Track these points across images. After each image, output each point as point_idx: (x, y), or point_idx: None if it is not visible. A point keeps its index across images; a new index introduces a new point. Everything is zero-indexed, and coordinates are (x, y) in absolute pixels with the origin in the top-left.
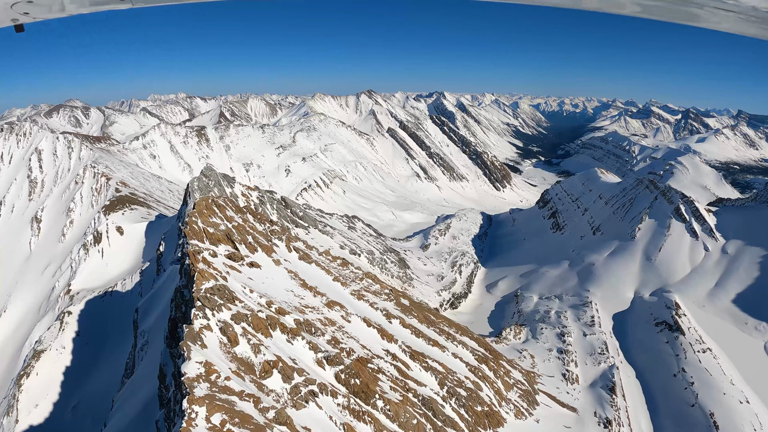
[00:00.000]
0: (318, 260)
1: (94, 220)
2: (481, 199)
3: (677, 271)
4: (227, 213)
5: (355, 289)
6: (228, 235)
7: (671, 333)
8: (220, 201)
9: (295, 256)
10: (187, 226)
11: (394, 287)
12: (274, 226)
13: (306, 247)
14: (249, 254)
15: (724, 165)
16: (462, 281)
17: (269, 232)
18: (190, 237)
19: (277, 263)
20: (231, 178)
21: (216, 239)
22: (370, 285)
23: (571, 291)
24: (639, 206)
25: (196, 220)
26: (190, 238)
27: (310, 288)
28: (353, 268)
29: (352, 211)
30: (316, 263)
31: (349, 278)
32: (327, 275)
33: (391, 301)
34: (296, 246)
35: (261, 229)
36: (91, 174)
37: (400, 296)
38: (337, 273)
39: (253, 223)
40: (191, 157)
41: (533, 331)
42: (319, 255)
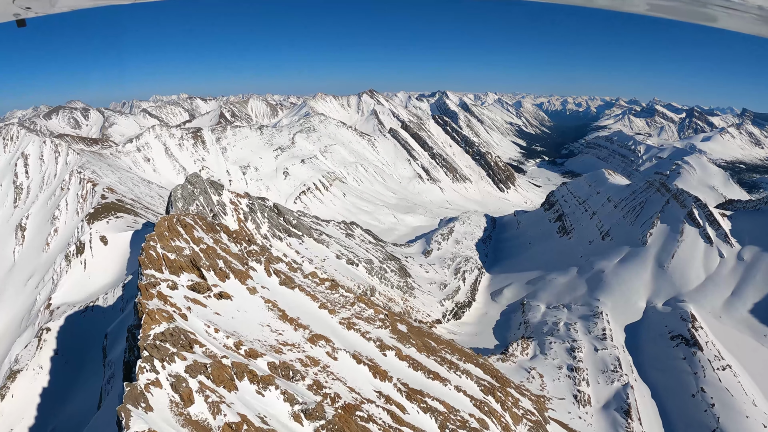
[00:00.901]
0: (303, 284)
1: (78, 229)
2: (485, 201)
3: (691, 279)
4: (195, 234)
5: (344, 317)
6: (193, 261)
7: (688, 348)
8: (187, 219)
9: (276, 281)
10: (142, 253)
11: (390, 310)
12: (252, 245)
13: (289, 268)
14: (218, 283)
15: (730, 164)
16: (466, 289)
17: (246, 253)
18: (146, 266)
19: (253, 291)
20: (219, 184)
21: (178, 267)
22: (362, 311)
23: (580, 300)
24: (650, 210)
25: (154, 245)
26: (145, 268)
27: (291, 320)
28: (343, 291)
29: (353, 215)
30: (300, 288)
31: (338, 304)
32: (312, 302)
33: (387, 328)
34: (277, 269)
35: (236, 250)
36: (77, 180)
37: (397, 321)
38: (324, 298)
39: (226, 243)
40: (186, 160)
41: (541, 345)
42: (304, 278)
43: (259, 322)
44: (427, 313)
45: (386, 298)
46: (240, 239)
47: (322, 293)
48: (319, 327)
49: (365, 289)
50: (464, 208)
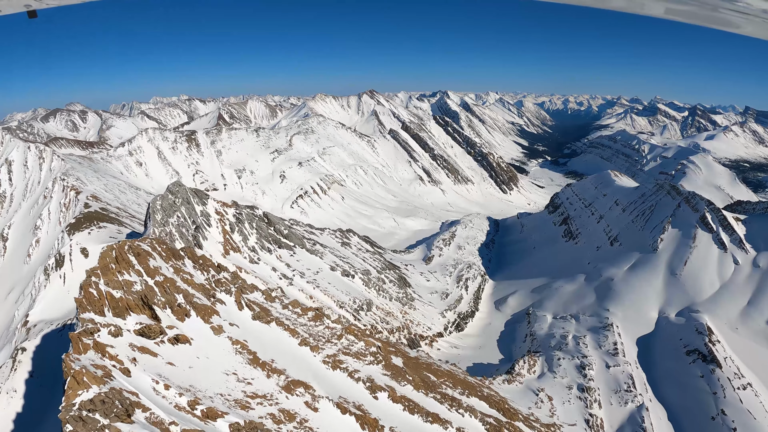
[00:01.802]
0: (281, 316)
1: (58, 240)
2: (487, 203)
3: (705, 288)
4: (150, 263)
5: (329, 354)
6: (145, 299)
7: (706, 365)
8: (142, 246)
9: (248, 315)
10: (81, 292)
11: (384, 341)
12: (222, 272)
13: (266, 298)
14: (176, 323)
15: (734, 163)
16: (468, 298)
17: (214, 282)
18: (83, 309)
19: (218, 331)
20: (204, 193)
21: (124, 307)
22: (350, 344)
23: (589, 310)
24: (660, 214)
25: (96, 281)
26: (82, 311)
27: (263, 364)
28: (329, 322)
29: (351, 219)
30: (277, 322)
31: (322, 338)
32: (291, 338)
33: (379, 363)
34: (251, 300)
35: (202, 279)
36: (60, 187)
37: (391, 353)
38: (306, 332)
39: (190, 272)
40: (180, 164)
41: (549, 362)
42: (283, 308)
43: (224, 370)
44: (428, 327)
45: (384, 312)
46: (207, 266)
47: (304, 326)
48: (297, 370)
49: (361, 304)
50: (466, 210)
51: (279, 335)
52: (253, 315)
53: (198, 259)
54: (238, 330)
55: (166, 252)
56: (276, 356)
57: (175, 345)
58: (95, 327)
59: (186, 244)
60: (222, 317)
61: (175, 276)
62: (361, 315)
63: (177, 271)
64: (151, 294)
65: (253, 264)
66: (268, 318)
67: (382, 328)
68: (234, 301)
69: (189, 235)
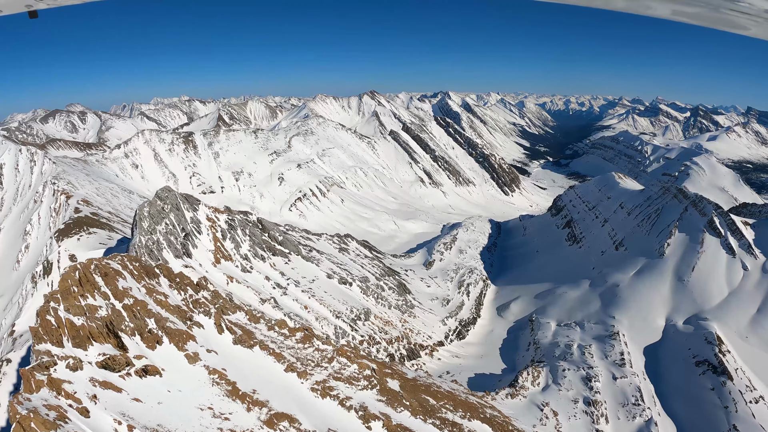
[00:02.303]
0: (266, 339)
1: (46, 246)
2: (489, 205)
3: (713, 295)
4: (119, 284)
5: (318, 380)
6: (110, 325)
7: (716, 377)
8: (111, 264)
9: (229, 339)
10: (37, 320)
11: (380, 362)
12: (201, 291)
13: (250, 318)
14: (145, 352)
15: (737, 164)
16: (470, 304)
17: (192, 303)
18: (39, 340)
19: (194, 359)
20: (195, 199)
21: (86, 336)
22: (342, 368)
23: (594, 317)
24: (667, 218)
25: (55, 306)
26: (37, 342)
27: (244, 396)
28: (319, 343)
29: (351, 222)
30: (261, 345)
31: (311, 362)
32: (276, 363)
33: (373, 387)
34: (233, 322)
35: (179, 300)
36: (51, 191)
37: (387, 376)
38: (293, 356)
39: (165, 292)
40: (176, 166)
41: (554, 372)
42: (268, 330)
43: (198, 405)
44: (428, 335)
45: (383, 321)
46: (185, 285)
47: (291, 349)
48: (282, 400)
49: (359, 313)
50: (468, 212)
51: (262, 361)
52: (234, 339)
53: (174, 277)
54: (216, 357)
55: (139, 270)
56: (258, 385)
57: (143, 378)
58: (51, 360)
59: (174, 252)
60: (199, 343)
61: (147, 297)
62: (358, 325)
63: (150, 291)
64: (118, 319)
65: (245, 273)
66: (251, 342)
67: (381, 338)
68: (213, 324)
69: (178, 243)
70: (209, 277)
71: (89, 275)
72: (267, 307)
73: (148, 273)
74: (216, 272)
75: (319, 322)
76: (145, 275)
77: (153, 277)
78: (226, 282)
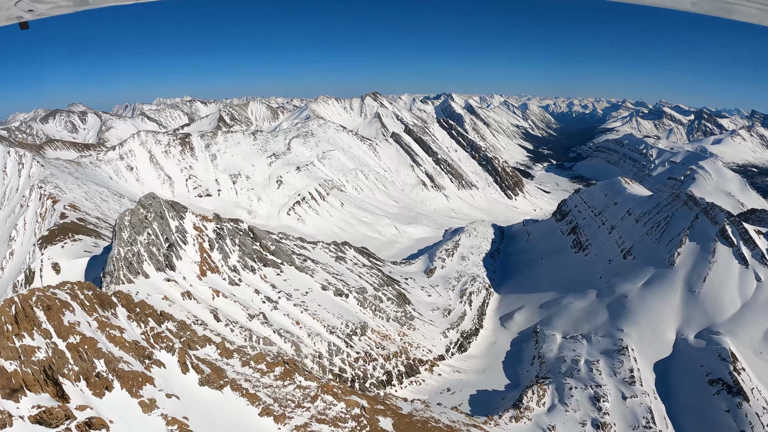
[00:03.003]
0: (238, 378)
1: (29, 254)
2: (492, 209)
3: (726, 307)
4: (65, 319)
5: (299, 423)
6: (49, 370)
7: (731, 397)
8: (58, 295)
9: (195, 379)
10: None
11: (370, 398)
12: (165, 323)
13: (222, 353)
14: (91, 401)
15: (742, 168)
16: (472, 314)
17: (153, 338)
18: None
19: (149, 407)
20: (181, 206)
21: (19, 385)
22: (328, 407)
23: (601, 330)
24: (677, 226)
25: None
26: None
27: None
28: (302, 379)
29: (351, 227)
30: (232, 385)
31: (291, 403)
32: (249, 406)
33: (363, 429)
34: (200, 358)
35: (138, 334)
36: (37, 195)
37: (380, 413)
38: (270, 397)
39: (120, 325)
40: (172, 168)
41: (560, 391)
42: (243, 366)
43: None
44: (428, 349)
45: (380, 335)
46: (146, 316)
47: (269, 388)
48: None
49: (354, 328)
50: (470, 216)
51: (233, 404)
52: (201, 379)
53: (134, 307)
54: (177, 403)
55: (91, 300)
56: None
57: None
58: None
59: (156, 265)
60: (158, 386)
61: (99, 333)
62: (354, 340)
63: (102, 326)
64: (60, 362)
65: (233, 286)
66: (220, 381)
67: (378, 354)
68: (177, 362)
69: (160, 254)
70: (193, 291)
71: (28, 309)
72: (255, 324)
73: (102, 303)
74: (201, 286)
75: (311, 338)
76: (99, 306)
77: (108, 307)
78: (211, 296)
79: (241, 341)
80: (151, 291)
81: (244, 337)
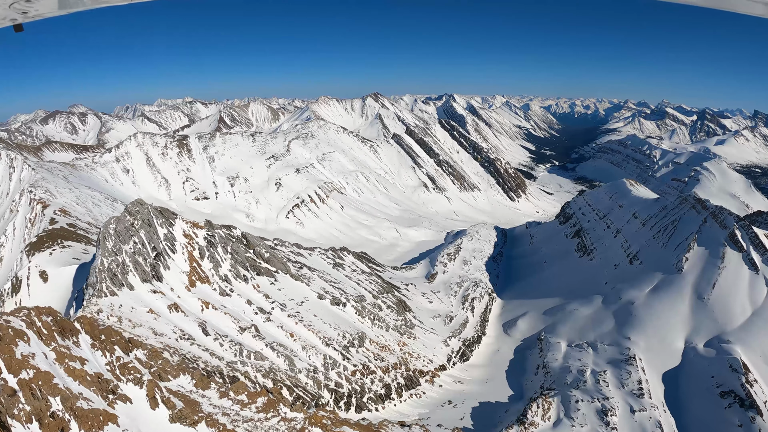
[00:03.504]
0: (214, 412)
1: (17, 261)
2: (494, 211)
3: (736, 314)
4: (18, 350)
5: None
6: None
7: (744, 411)
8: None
9: (165, 415)
10: None
11: (364, 428)
12: (134, 351)
13: (197, 383)
14: None
15: (745, 168)
16: (474, 321)
17: (119, 369)
18: None
19: None
20: (171, 213)
21: None
22: None
23: (608, 338)
24: (685, 230)
25: None
26: None
27: None
28: (287, 411)
29: (351, 230)
30: (208, 421)
31: None
32: None
33: None
34: (173, 390)
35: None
36: (27, 200)
37: None
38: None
39: (82, 356)
40: (169, 171)
41: (566, 404)
42: (221, 397)
43: None
44: (429, 359)
45: (379, 346)
46: (113, 343)
47: (250, 422)
48: None
49: (352, 339)
50: (472, 219)
51: None
52: (172, 415)
53: (99, 333)
54: None
55: (50, 328)
56: None
57: None
58: None
59: (141, 276)
60: (121, 425)
61: (56, 366)
62: (351, 352)
63: (61, 357)
64: (10, 402)
65: (223, 297)
66: (194, 417)
67: (376, 366)
68: (146, 396)
69: (147, 264)
70: (181, 303)
71: None
72: (246, 337)
73: (63, 330)
74: (190, 297)
75: (306, 351)
76: (59, 334)
77: (70, 335)
78: (200, 308)
79: (231, 356)
80: (136, 304)
81: (234, 352)
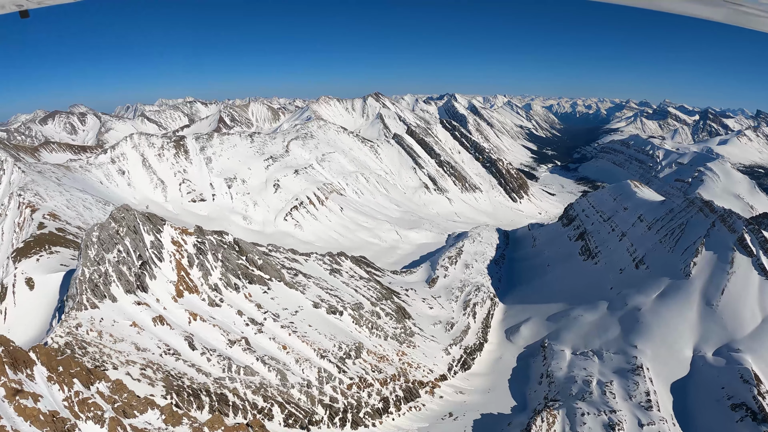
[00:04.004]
0: None
1: (3, 268)
2: (496, 212)
3: (746, 321)
4: None
5: None
6: None
7: (757, 425)
8: None
9: None
10: None
11: None
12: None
13: (167, 419)
14: None
15: (748, 168)
16: (476, 327)
17: (77, 405)
18: None
19: None
20: (159, 219)
21: None
22: None
23: (613, 345)
24: (692, 234)
25: None
26: None
27: None
28: None
29: (351, 232)
30: None
31: None
32: None
33: None
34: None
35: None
36: (16, 204)
37: None
38: None
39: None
40: (165, 172)
41: (571, 417)
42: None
43: None
44: (429, 369)
45: (377, 356)
46: (70, 376)
47: None
48: None
49: (348, 350)
50: (474, 220)
51: None
52: None
53: (57, 365)
54: None
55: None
56: None
57: None
58: None
59: (125, 287)
60: None
61: (5, 405)
62: (347, 364)
63: (11, 394)
64: None
65: (212, 308)
66: None
67: (374, 379)
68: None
69: (131, 274)
70: (167, 316)
71: None
72: (236, 351)
73: (16, 362)
74: (176, 309)
75: (299, 364)
76: (11, 366)
77: (24, 367)
78: (187, 320)
79: (219, 372)
80: (119, 317)
81: (223, 368)
